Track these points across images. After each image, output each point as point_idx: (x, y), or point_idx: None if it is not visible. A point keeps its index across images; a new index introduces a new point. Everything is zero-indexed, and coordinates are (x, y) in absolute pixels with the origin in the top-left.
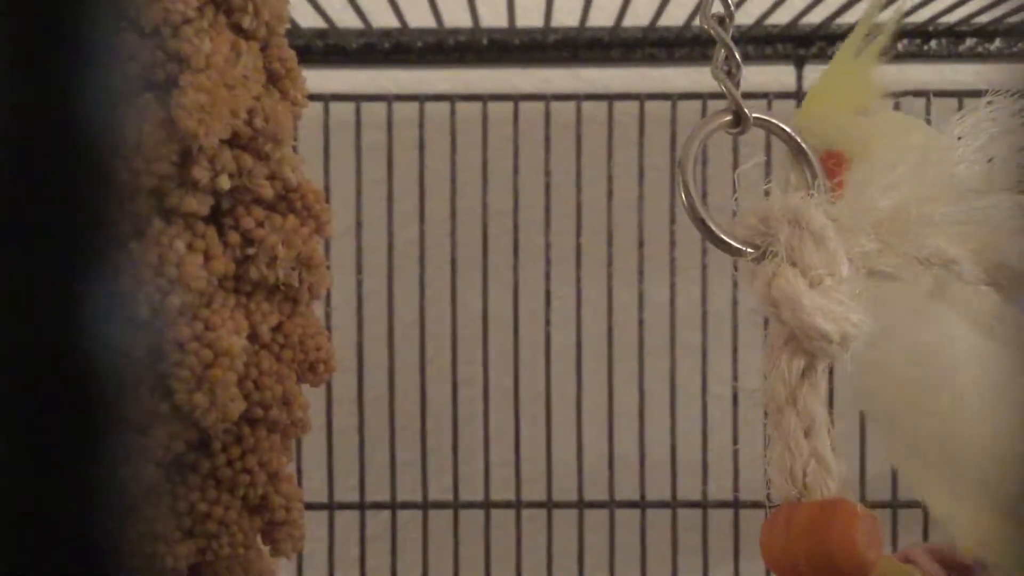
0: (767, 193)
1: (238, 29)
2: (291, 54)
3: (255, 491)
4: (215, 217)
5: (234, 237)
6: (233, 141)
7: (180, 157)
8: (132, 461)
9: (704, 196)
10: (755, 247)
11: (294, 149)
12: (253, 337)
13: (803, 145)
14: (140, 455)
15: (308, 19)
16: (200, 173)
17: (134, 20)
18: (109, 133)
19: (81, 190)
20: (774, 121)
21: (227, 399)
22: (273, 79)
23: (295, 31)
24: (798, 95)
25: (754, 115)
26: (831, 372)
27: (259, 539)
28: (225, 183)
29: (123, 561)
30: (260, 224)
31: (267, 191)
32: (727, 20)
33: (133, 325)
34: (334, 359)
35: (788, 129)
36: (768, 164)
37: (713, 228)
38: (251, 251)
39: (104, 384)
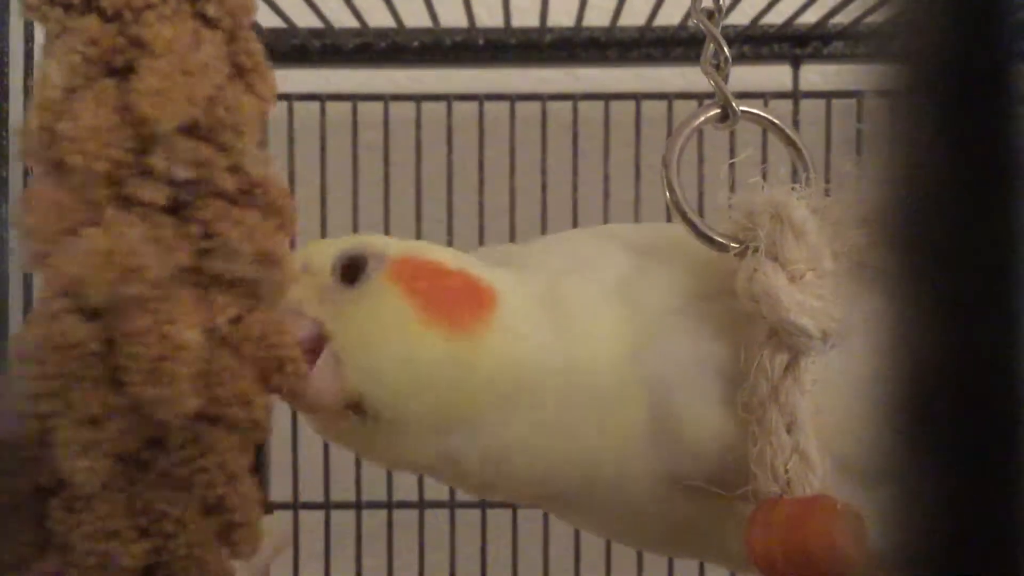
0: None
1: (202, 18)
2: (259, 48)
3: (213, 491)
4: (175, 209)
5: (194, 229)
6: (192, 131)
7: (137, 144)
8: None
9: (700, 194)
10: (739, 242)
11: (291, 148)
12: (211, 332)
13: (794, 138)
14: (92, 448)
15: (305, 19)
16: (157, 161)
17: (97, 4)
18: None
19: None
20: (763, 114)
21: (181, 393)
22: (240, 72)
23: (291, 31)
24: (794, 95)
25: (742, 109)
26: None
27: (216, 540)
28: (182, 172)
29: None
30: (220, 217)
31: (227, 183)
32: (716, 14)
33: None
34: (302, 360)
35: (778, 122)
36: (764, 160)
37: (696, 223)
38: (210, 244)
39: None
